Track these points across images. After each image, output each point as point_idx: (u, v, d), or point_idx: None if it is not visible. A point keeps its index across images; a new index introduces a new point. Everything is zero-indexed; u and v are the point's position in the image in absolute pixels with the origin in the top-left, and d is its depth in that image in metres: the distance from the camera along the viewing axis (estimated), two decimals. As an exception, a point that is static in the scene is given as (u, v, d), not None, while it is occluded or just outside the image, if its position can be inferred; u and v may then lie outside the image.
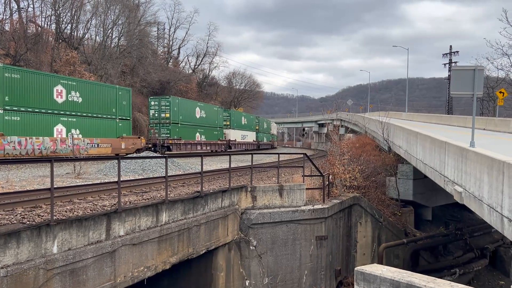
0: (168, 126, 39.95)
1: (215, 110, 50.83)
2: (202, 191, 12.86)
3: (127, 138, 33.24)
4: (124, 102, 33.50)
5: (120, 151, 31.80)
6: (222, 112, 53.31)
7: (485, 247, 27.18)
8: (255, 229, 15.26)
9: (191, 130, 43.69)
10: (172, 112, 40.16)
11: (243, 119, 61.82)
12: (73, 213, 8.78)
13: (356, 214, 21.11)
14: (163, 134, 39.71)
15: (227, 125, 54.82)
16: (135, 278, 10.04)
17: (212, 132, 48.83)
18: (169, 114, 39.91)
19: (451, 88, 13.34)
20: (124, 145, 32.47)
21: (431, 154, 16.55)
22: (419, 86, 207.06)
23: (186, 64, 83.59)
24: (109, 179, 16.70)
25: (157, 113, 40.31)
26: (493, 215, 9.69)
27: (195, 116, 45.07)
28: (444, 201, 26.72)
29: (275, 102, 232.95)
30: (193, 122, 44.20)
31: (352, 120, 54.65)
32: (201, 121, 46.07)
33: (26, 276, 7.44)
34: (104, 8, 54.66)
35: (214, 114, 49.96)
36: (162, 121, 40.07)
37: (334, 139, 29.88)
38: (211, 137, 48.49)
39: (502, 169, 9.11)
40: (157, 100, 41.00)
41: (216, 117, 50.30)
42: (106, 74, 49.70)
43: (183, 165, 22.46)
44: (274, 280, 15.55)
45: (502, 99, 35.37)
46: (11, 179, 15.53)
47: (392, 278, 6.98)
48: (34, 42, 43.35)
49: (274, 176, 19.78)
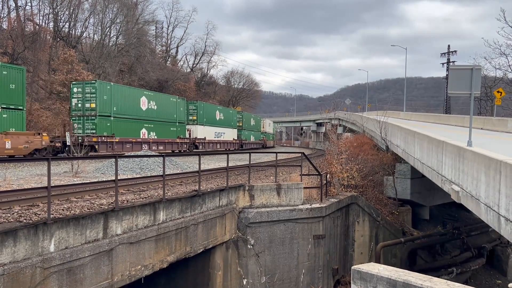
0: (93, 119, 31.31)
1: (172, 101, 41.19)
2: (200, 190, 12.85)
3: (17, 135, 24.83)
4: (12, 86, 25.48)
5: (3, 152, 23.60)
6: (184, 104, 43.82)
7: (482, 246, 27.25)
8: (253, 228, 15.26)
9: (132, 126, 34.83)
10: (100, 102, 31.42)
11: (218, 114, 52.12)
12: (70, 211, 8.76)
13: (353, 213, 21.13)
14: (88, 130, 31.29)
15: (194, 120, 46.24)
16: (132, 276, 10.03)
17: (167, 128, 39.75)
18: (96, 104, 31.18)
19: (449, 88, 13.34)
20: (9, 144, 24.01)
21: (429, 154, 16.58)
22: (417, 86, 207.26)
23: (184, 63, 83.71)
24: (106, 177, 16.67)
25: (80, 103, 31.60)
26: (490, 214, 9.71)
27: (140, 108, 35.94)
28: (442, 200, 26.79)
29: (273, 101, 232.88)
30: (136, 115, 35.36)
31: (350, 120, 54.68)
32: (149, 114, 36.97)
33: (23, 274, 7.42)
34: (102, 7, 54.62)
35: (170, 106, 40.55)
36: (87, 113, 31.42)
37: (332, 138, 29.94)
38: (166, 134, 39.48)
39: (499, 169, 9.13)
40: (80, 86, 32.04)
41: (174, 110, 40.92)
42: (104, 73, 49.64)
43: (181, 164, 22.45)
44: (272, 279, 15.56)
45: (500, 99, 35.43)
46: (8, 177, 15.50)
47: (389, 277, 6.99)
48: (32, 40, 43.30)
49: (272, 175, 19.78)
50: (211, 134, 48.86)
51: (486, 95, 51.00)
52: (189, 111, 45.93)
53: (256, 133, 70.83)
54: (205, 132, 47.27)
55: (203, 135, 46.49)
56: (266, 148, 73.10)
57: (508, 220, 8.68)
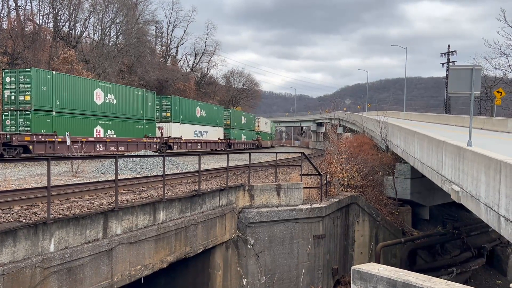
0: (28, 114, 26.42)
1: (138, 95, 35.85)
2: (200, 190, 12.85)
3: None
4: None
5: None
6: (153, 98, 38.37)
7: (482, 246, 27.24)
8: (253, 228, 15.26)
9: (83, 122, 29.79)
10: (36, 94, 26.54)
11: (199, 110, 46.46)
12: (70, 211, 8.76)
13: (353, 213, 21.13)
14: (22, 127, 26.46)
15: (167, 117, 40.89)
16: (132, 276, 10.03)
17: (131, 126, 34.59)
18: (31, 96, 26.34)
19: (449, 88, 13.34)
20: None
21: (429, 153, 16.58)
22: (417, 86, 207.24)
23: (184, 63, 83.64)
24: (106, 177, 16.67)
25: (14, 95, 26.71)
26: (490, 214, 9.71)
27: (94, 101, 30.83)
28: (442, 200, 26.79)
29: (273, 101, 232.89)
30: (88, 110, 30.30)
31: (350, 120, 54.67)
32: (106, 109, 32.06)
33: (22, 274, 7.42)
34: (102, 7, 54.60)
35: (135, 100, 35.38)
36: (21, 107, 26.54)
37: (332, 138, 29.93)
38: (129, 132, 34.33)
39: (499, 169, 9.12)
40: (14, 74, 26.97)
41: (140, 105, 35.83)
42: (104, 73, 49.64)
43: (181, 164, 22.45)
44: (272, 279, 15.56)
45: (500, 99, 35.43)
46: (8, 177, 15.50)
47: (389, 277, 6.99)
48: (32, 40, 43.28)
49: (271, 175, 19.77)
50: (189, 133, 43.38)
51: (486, 95, 51.01)
52: (162, 107, 40.84)
53: (248, 132, 64.83)
54: (181, 131, 41.69)
55: (178, 134, 40.98)
56: (261, 149, 67.52)
57: (508, 220, 8.67)
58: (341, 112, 68.68)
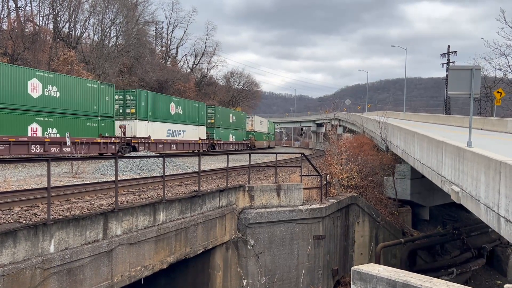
0: None
1: (91, 87, 29.97)
2: (200, 191, 12.86)
3: None
4: None
5: None
6: (111, 92, 32.02)
7: (482, 246, 27.26)
8: (253, 229, 15.27)
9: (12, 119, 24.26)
10: None
11: (174, 107, 39.95)
12: (70, 212, 8.77)
13: (353, 214, 21.13)
14: None
15: (132, 114, 35.21)
16: (132, 277, 10.03)
17: (81, 123, 29.04)
18: None
19: (449, 88, 13.36)
20: None
21: (429, 154, 16.59)
22: (417, 86, 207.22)
23: (184, 64, 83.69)
24: (106, 178, 16.67)
25: None
26: (490, 215, 9.72)
27: (29, 94, 25.27)
28: (442, 201, 26.81)
29: (273, 101, 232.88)
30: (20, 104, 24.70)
31: (350, 120, 54.71)
32: (46, 103, 26.36)
33: (23, 275, 7.42)
34: (102, 7, 54.62)
35: (87, 94, 29.57)
36: None
37: (332, 138, 29.93)
38: (78, 131, 28.72)
39: (498, 169, 9.13)
40: None
41: (93, 99, 30.03)
42: (104, 74, 49.66)
43: (181, 165, 22.46)
44: (272, 279, 15.56)
45: (500, 99, 35.44)
46: (8, 178, 15.50)
47: (389, 277, 7.00)
48: (32, 41, 43.30)
49: (271, 176, 19.78)
50: (160, 133, 37.45)
51: (486, 96, 51.03)
52: (126, 103, 35.44)
53: (238, 132, 58.56)
54: (150, 130, 35.87)
55: (145, 133, 35.12)
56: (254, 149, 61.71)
57: (508, 220, 8.68)
58: (341, 113, 68.69)
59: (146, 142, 34.66)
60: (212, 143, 47.93)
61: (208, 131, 47.64)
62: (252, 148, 62.20)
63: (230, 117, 55.88)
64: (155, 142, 35.96)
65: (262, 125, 74.48)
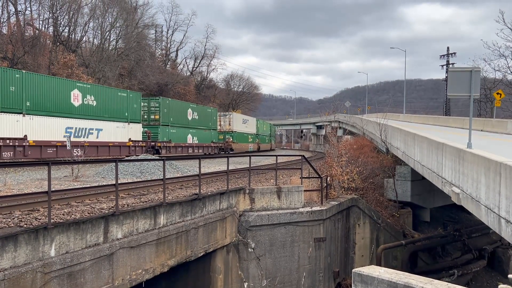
0: None
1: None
2: (200, 194, 12.86)
3: None
4: None
5: None
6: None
7: (483, 248, 27.23)
8: (253, 231, 15.26)
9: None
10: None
11: (78, 97, 28.97)
12: (71, 216, 8.77)
13: (354, 216, 21.12)
14: None
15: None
16: (133, 281, 10.02)
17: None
18: None
19: (448, 90, 13.38)
20: None
21: (429, 156, 16.59)
22: (416, 88, 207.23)
23: (184, 67, 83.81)
24: (107, 182, 16.67)
25: None
26: (490, 216, 9.72)
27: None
28: (442, 202, 26.78)
29: (273, 104, 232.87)
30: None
31: (350, 122, 54.72)
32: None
33: (23, 279, 7.42)
34: (101, 11, 54.74)
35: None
36: None
37: (332, 140, 29.91)
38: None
39: (499, 170, 9.13)
40: None
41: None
42: (104, 77, 49.72)
43: (181, 168, 22.47)
44: (273, 282, 15.54)
45: (500, 100, 35.49)
46: (9, 182, 15.51)
47: (390, 279, 6.99)
48: (31, 45, 43.40)
49: (272, 178, 19.78)
50: (56, 132, 27.31)
51: (485, 97, 51.05)
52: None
53: (203, 132, 46.00)
54: (35, 127, 25.84)
55: (20, 133, 24.89)
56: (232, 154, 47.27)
57: (509, 221, 8.68)
58: (341, 115, 68.68)
59: (23, 145, 25.49)
60: (153, 145, 36.27)
61: (151, 130, 36.67)
62: (227, 152, 50.58)
63: (188, 113, 43.30)
64: (45, 145, 26.97)
65: (247, 125, 62.74)
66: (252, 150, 61.92)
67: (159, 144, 36.71)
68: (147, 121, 37.00)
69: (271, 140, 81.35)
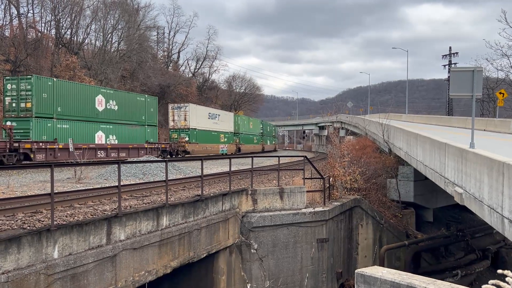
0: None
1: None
2: (203, 195, 12.87)
3: None
4: None
5: None
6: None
7: (486, 248, 27.16)
8: (256, 232, 15.25)
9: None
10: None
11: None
12: (74, 218, 8.79)
13: (357, 216, 21.09)
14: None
15: None
16: (136, 282, 10.03)
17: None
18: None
19: (450, 90, 13.36)
20: None
21: (431, 156, 16.55)
22: (418, 88, 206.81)
23: (186, 68, 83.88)
24: (109, 183, 16.70)
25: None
26: (494, 216, 9.69)
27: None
28: (445, 203, 26.71)
29: (275, 105, 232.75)
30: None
31: (352, 122, 54.63)
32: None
33: (27, 281, 7.44)
34: (103, 13, 54.89)
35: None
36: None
37: (335, 141, 29.88)
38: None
39: (502, 170, 9.10)
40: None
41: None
42: (106, 79, 49.84)
43: (183, 169, 22.49)
44: (276, 283, 15.53)
45: (502, 100, 35.39)
46: (12, 184, 15.55)
47: (393, 280, 6.97)
48: (34, 47, 43.55)
49: (274, 179, 19.78)
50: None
51: (488, 97, 50.89)
52: None
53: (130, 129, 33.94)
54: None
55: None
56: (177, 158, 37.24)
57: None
58: (343, 115, 68.55)
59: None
60: (18, 147, 24.35)
61: (18, 124, 25.83)
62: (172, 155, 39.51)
63: (97, 101, 30.97)
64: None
65: (217, 121, 50.59)
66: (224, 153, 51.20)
67: (28, 146, 24.88)
68: (15, 112, 26.37)
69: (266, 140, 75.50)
